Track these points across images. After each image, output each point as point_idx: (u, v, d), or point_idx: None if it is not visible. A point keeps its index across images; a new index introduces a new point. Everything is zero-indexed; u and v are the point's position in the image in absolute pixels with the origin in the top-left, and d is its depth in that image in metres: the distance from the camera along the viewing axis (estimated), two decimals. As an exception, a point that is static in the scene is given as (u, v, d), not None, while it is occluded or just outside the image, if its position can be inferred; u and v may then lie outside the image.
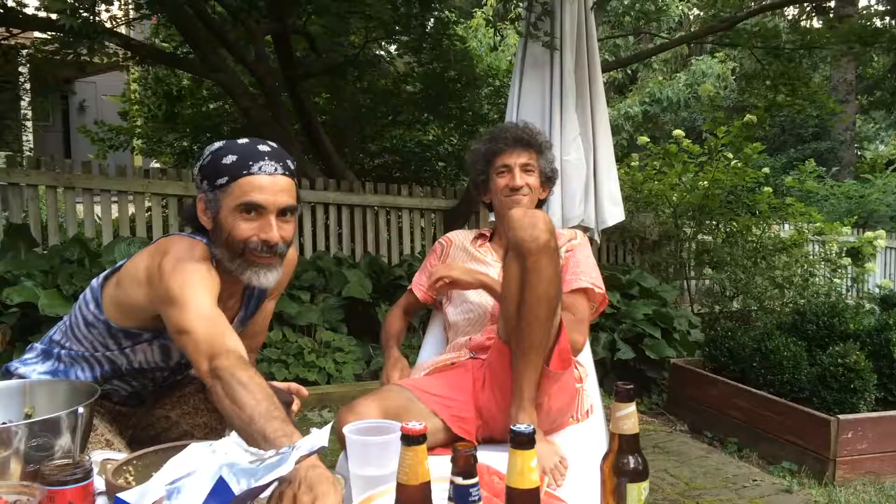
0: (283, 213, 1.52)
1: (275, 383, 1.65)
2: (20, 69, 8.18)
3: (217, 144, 1.56)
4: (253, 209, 1.49)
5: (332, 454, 2.41)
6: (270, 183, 1.49)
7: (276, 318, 4.36)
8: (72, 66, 5.57)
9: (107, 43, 5.13)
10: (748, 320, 5.63)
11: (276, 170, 1.51)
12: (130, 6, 6.16)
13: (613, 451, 1.14)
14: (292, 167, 1.57)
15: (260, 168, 1.49)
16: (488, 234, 2.32)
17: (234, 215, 1.49)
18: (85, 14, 3.95)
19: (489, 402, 1.86)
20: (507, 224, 1.80)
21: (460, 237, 2.33)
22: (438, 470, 1.03)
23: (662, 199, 5.94)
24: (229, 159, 1.50)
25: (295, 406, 1.70)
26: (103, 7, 4.59)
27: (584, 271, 2.09)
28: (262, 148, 1.53)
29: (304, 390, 1.69)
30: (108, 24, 5.49)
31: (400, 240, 5.87)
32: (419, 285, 2.33)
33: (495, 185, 2.16)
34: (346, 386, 4.17)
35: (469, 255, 2.23)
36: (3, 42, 5.56)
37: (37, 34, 6.18)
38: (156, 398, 1.82)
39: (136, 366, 1.65)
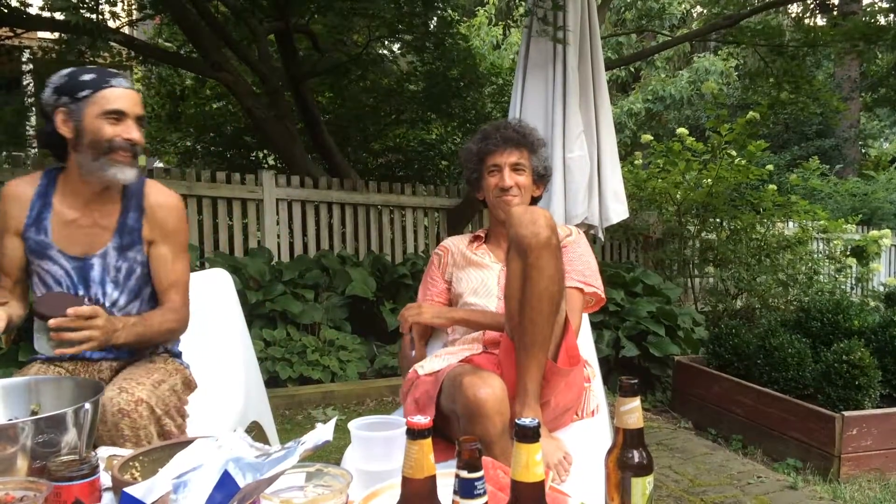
0: (138, 120, 1.80)
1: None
2: (24, 69, 8.20)
3: (66, 70, 1.80)
4: (116, 114, 1.75)
5: (338, 451, 2.42)
6: (129, 94, 1.79)
7: (280, 317, 4.37)
8: (75, 66, 5.58)
9: (111, 42, 5.14)
10: (752, 318, 5.62)
11: (129, 86, 1.81)
12: (134, 6, 6.17)
13: (618, 445, 1.14)
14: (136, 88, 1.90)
15: (118, 82, 1.78)
16: (483, 236, 2.31)
17: (98, 121, 1.74)
18: (89, 15, 3.96)
19: None
20: (508, 221, 1.81)
21: (456, 243, 2.31)
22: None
23: (666, 196, 5.93)
24: (88, 76, 1.76)
25: (71, 311, 1.57)
26: (107, 7, 4.60)
27: (576, 269, 2.08)
28: (112, 70, 1.83)
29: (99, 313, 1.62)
30: (111, 24, 5.50)
31: (403, 238, 5.88)
32: (429, 300, 2.29)
33: (487, 184, 2.17)
34: (351, 384, 4.18)
35: (467, 260, 2.22)
36: (6, 42, 5.58)
37: (41, 34, 6.20)
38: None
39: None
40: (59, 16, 5.10)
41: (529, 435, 0.93)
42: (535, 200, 2.23)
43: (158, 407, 1.70)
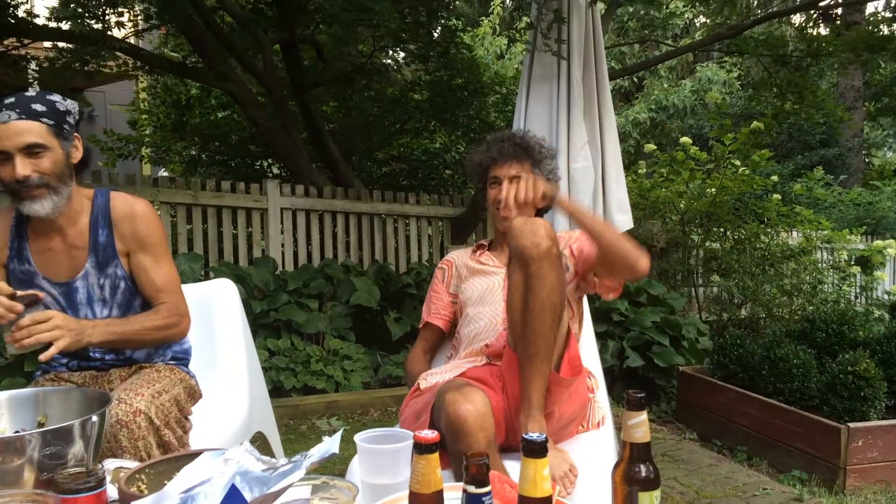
0: (30, 150, 1.67)
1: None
2: (30, 80, 8.24)
3: None
4: (1, 155, 1.66)
5: (342, 462, 2.41)
6: (5, 129, 1.65)
7: (285, 326, 4.37)
8: (81, 76, 5.61)
9: (116, 52, 5.17)
10: (757, 328, 5.61)
11: (10, 117, 1.66)
12: (140, 16, 6.21)
13: (625, 459, 1.14)
14: (40, 109, 1.69)
15: None
16: (487, 244, 2.33)
17: None
18: (95, 24, 3.98)
19: (505, 410, 1.86)
20: (509, 232, 1.82)
21: (459, 256, 2.33)
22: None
23: (670, 206, 5.93)
24: None
25: (25, 321, 1.58)
26: (113, 17, 4.63)
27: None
28: (7, 100, 1.69)
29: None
30: (117, 33, 5.53)
31: (407, 248, 5.89)
32: (436, 314, 2.28)
33: (488, 195, 2.18)
34: (355, 394, 4.17)
35: (471, 270, 2.24)
36: (13, 52, 5.60)
37: (47, 44, 6.23)
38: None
39: None
40: (65, 25, 5.14)
41: (537, 450, 0.93)
42: (541, 212, 2.23)
43: (157, 418, 1.69)
